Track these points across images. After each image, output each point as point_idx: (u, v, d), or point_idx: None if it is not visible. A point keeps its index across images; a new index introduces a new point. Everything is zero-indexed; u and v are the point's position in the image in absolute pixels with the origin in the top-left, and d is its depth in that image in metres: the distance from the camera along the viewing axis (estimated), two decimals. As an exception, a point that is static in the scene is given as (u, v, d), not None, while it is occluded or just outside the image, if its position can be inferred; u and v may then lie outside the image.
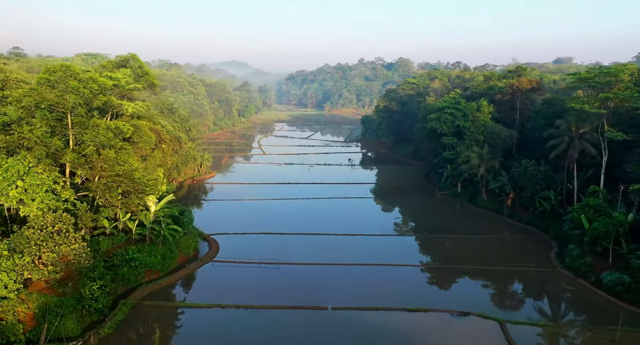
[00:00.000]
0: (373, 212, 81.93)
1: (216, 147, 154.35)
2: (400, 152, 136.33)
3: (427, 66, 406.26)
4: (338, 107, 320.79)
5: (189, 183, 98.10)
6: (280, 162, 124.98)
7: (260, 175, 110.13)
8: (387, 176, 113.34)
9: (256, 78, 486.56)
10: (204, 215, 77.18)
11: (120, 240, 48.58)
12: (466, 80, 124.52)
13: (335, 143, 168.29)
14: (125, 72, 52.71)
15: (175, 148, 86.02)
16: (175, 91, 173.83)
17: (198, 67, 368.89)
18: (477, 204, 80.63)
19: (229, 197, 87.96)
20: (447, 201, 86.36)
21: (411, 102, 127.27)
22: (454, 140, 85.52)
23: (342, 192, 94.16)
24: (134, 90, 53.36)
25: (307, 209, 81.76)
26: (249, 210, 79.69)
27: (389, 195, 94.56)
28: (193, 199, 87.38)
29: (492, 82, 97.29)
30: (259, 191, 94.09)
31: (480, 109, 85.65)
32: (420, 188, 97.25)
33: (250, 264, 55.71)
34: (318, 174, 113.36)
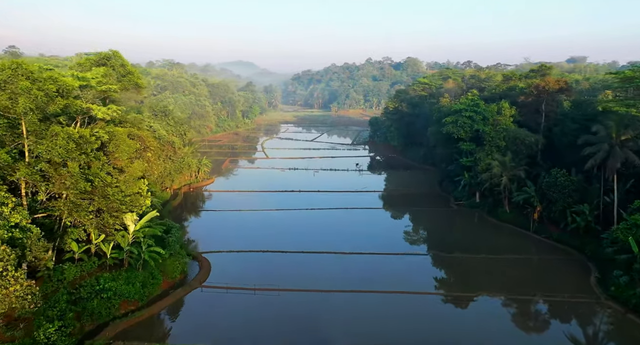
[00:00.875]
0: (383, 225, 74.41)
1: (218, 150, 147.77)
2: (411, 156, 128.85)
3: (437, 66, 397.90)
4: (345, 108, 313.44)
5: (185, 190, 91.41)
6: (284, 167, 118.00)
7: (262, 182, 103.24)
8: (398, 183, 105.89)
9: (262, 78, 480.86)
10: (197, 228, 70.38)
11: (91, 266, 41.76)
12: (481, 81, 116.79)
13: (342, 146, 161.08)
14: (98, 71, 45.99)
15: (169, 154, 79.33)
16: (176, 91, 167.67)
17: (202, 66, 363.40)
18: (499, 216, 73.03)
19: (226, 207, 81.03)
20: (465, 212, 78.82)
21: (423, 104, 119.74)
22: (472, 146, 78.00)
23: (349, 201, 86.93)
24: (107, 91, 46.24)
25: (311, 221, 74.59)
26: (247, 223, 72.72)
27: (400, 204, 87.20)
28: (187, 209, 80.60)
29: (513, 82, 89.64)
30: (259, 200, 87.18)
31: (501, 111, 78.07)
32: (434, 197, 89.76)
33: (245, 290, 48.69)
34: (323, 180, 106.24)
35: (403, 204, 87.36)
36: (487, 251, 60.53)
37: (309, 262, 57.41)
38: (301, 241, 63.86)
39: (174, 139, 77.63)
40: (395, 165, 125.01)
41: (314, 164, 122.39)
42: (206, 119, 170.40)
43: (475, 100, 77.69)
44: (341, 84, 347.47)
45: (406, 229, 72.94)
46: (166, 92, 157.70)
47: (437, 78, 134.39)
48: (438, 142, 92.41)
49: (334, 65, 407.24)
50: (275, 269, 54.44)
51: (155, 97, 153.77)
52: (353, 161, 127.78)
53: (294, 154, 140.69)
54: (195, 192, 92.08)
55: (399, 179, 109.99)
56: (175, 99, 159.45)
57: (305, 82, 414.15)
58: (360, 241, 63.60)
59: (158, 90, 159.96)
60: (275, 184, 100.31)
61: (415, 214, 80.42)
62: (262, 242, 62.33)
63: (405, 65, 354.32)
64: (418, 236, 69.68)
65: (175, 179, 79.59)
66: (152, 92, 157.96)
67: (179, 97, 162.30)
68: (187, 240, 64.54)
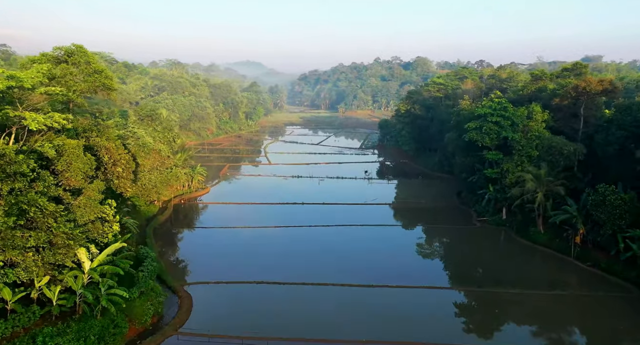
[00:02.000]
0: (396, 247, 64.32)
1: (218, 154, 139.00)
2: (424, 162, 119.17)
3: (447, 65, 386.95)
4: (353, 109, 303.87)
5: (176, 202, 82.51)
6: (287, 175, 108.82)
7: (263, 191, 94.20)
8: (410, 193, 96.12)
9: (269, 78, 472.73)
10: (183, 250, 61.37)
11: (28, 319, 32.74)
12: (502, 81, 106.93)
13: (350, 150, 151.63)
14: (40, 68, 37.13)
15: (155, 164, 70.42)
16: (175, 92, 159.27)
17: (206, 66, 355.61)
18: (531, 237, 63.27)
19: (219, 223, 72.01)
20: (490, 231, 69.14)
21: (438, 106, 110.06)
22: (499, 156, 68.26)
23: (357, 215, 77.57)
24: (45, 94, 36.82)
25: (314, 241, 65.25)
26: (241, 244, 63.63)
27: (415, 219, 77.72)
28: (176, 225, 71.62)
29: (543, 82, 79.65)
30: (257, 214, 78.12)
31: (532, 116, 68.33)
32: (453, 211, 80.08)
33: (230, 339, 39.53)
34: (329, 190, 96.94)
35: (418, 219, 77.87)
36: (524, 284, 50.80)
37: (311, 296, 48.17)
38: (302, 268, 54.73)
39: (160, 147, 68.78)
40: (407, 172, 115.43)
41: (319, 171, 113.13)
42: (207, 121, 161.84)
43: (503, 103, 67.92)
44: (349, 84, 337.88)
45: (423, 252, 63.43)
46: (164, 93, 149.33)
47: (453, 78, 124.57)
48: (457, 149, 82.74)
49: (341, 65, 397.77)
50: (269, 307, 45.26)
51: (153, 98, 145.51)
52: (361, 168, 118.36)
53: (299, 159, 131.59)
54: (187, 204, 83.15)
55: (412, 188, 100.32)
56: (174, 100, 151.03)
57: (312, 82, 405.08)
58: (369, 268, 54.30)
59: (156, 91, 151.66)
60: (277, 194, 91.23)
61: (432, 232, 70.92)
62: (256, 270, 53.24)
63: (415, 64, 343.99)
64: (438, 262, 60.06)
65: (162, 191, 70.61)
66: (149, 93, 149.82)
67: (178, 99, 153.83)
68: (170, 264, 55.63)
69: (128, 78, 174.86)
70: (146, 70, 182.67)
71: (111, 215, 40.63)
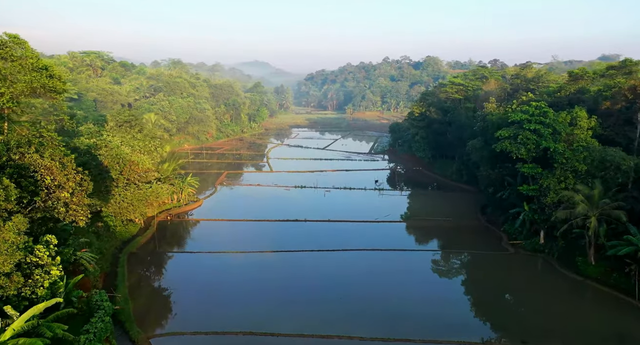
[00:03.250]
0: (418, 282, 53.35)
1: (216, 160, 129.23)
2: (441, 170, 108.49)
3: (457, 65, 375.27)
4: (361, 110, 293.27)
5: (162, 218, 72.76)
6: (289, 185, 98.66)
7: (262, 204, 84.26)
8: (426, 206, 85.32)
9: (276, 78, 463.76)
10: (161, 286, 51.33)
11: None
12: (529, 81, 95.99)
13: (358, 155, 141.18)
14: None
15: (135, 178, 60.53)
16: (173, 93, 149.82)
17: (211, 66, 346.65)
18: (579, 270, 52.47)
19: (209, 246, 61.98)
20: (525, 259, 58.47)
21: (457, 109, 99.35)
22: (538, 170, 57.51)
23: (368, 235, 67.32)
24: None
25: (317, 273, 54.94)
26: (230, 276, 53.50)
27: (435, 242, 67.24)
28: (160, 246, 61.69)
29: (583, 82, 68.80)
30: (253, 234, 68.10)
31: (576, 122, 57.58)
32: (479, 232, 69.45)
33: None
34: (336, 202, 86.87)
35: (439, 241, 67.34)
36: (582, 338, 40.19)
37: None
38: (302, 312, 44.58)
39: (138, 158, 58.87)
40: (422, 182, 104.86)
41: (325, 180, 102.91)
42: (206, 124, 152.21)
43: (543, 108, 57.14)
44: (357, 85, 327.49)
45: (449, 288, 52.81)
46: (160, 94, 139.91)
47: (471, 78, 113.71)
48: (483, 159, 72.11)
49: (349, 65, 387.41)
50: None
51: (147, 100, 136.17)
52: (371, 176, 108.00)
53: (303, 165, 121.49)
54: (174, 221, 73.28)
55: (428, 201, 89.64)
56: (170, 101, 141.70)
57: (319, 82, 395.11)
58: (384, 312, 43.97)
59: (151, 92, 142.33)
60: (277, 208, 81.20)
61: (458, 260, 60.29)
62: (247, 313, 43.28)
63: (425, 64, 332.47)
64: (467, 302, 49.42)
65: (141, 209, 60.66)
66: (143, 94, 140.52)
67: (175, 100, 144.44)
68: (140, 306, 45.67)
69: (124, 78, 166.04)
70: (144, 70, 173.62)
71: (46, 258, 30.71)
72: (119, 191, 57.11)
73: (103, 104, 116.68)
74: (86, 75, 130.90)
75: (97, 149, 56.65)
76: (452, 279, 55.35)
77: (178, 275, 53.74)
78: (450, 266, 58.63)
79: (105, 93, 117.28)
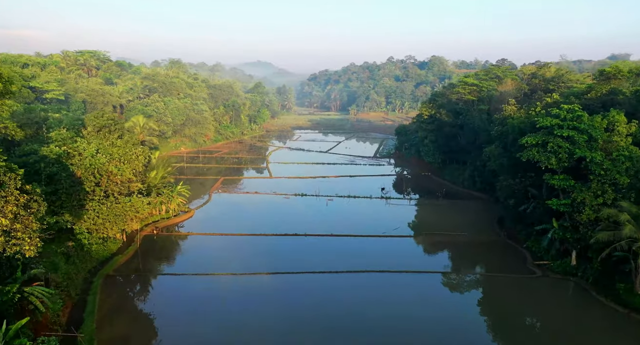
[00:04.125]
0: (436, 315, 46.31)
1: (213, 165, 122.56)
2: (451, 176, 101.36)
3: (463, 65, 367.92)
4: (365, 111, 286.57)
5: (147, 233, 66.03)
6: (289, 192, 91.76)
7: (259, 215, 77.58)
8: (438, 218, 78.24)
9: (278, 78, 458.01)
10: (135, 320, 44.30)
11: None
12: (548, 81, 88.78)
13: (363, 159, 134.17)
14: None
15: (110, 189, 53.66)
16: (169, 94, 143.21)
17: (211, 66, 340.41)
18: (621, 299, 45.18)
19: (197, 266, 55.05)
20: (556, 284, 51.29)
21: (470, 111, 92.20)
22: (569, 182, 50.33)
23: (375, 253, 60.46)
24: None
25: (319, 302, 48.02)
26: (217, 305, 46.66)
27: (450, 261, 60.17)
28: (142, 265, 54.85)
29: (617, 82, 61.59)
30: (248, 250, 61.35)
31: (613, 128, 50.44)
32: (498, 249, 62.30)
33: None
34: (339, 212, 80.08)
35: (454, 260, 60.28)
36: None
37: None
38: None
39: (120, 168, 52.08)
40: (431, 188, 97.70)
41: (327, 187, 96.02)
42: (203, 126, 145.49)
43: (576, 112, 50.00)
44: (361, 85, 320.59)
45: (470, 319, 45.67)
46: (154, 95, 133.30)
47: (484, 78, 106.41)
48: (502, 167, 64.98)
49: (353, 65, 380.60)
50: None
51: (141, 101, 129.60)
52: (376, 183, 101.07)
53: (304, 170, 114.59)
54: (161, 235, 66.49)
55: (439, 211, 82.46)
56: (166, 102, 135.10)
57: (322, 82, 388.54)
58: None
59: (146, 93, 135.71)
60: (275, 219, 74.53)
61: (479, 284, 53.20)
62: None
63: (431, 64, 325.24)
64: (490, 341, 42.30)
65: (119, 225, 53.84)
66: (137, 95, 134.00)
67: (171, 101, 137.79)
68: (112, 342, 38.91)
69: (120, 78, 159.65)
70: (139, 70, 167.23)
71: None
72: (94, 205, 50.36)
73: (93, 105, 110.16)
74: (76, 75, 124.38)
75: (70, 157, 49.96)
76: (473, 308, 48.17)
77: (160, 303, 46.80)
78: (470, 293, 51.46)
79: (95, 94, 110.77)
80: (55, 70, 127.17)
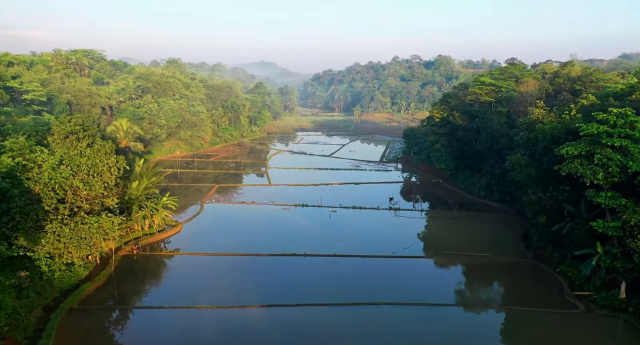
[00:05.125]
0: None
1: (209, 170, 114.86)
2: (465, 184, 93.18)
3: (470, 64, 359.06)
4: (369, 112, 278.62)
5: (126, 252, 58.30)
6: (289, 203, 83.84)
7: (254, 230, 69.79)
8: (453, 233, 69.98)
9: (282, 79, 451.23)
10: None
11: None
12: (574, 80, 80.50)
13: (368, 164, 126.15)
14: None
15: (81, 207, 45.89)
16: (164, 95, 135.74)
17: (212, 66, 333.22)
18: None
19: (179, 296, 47.12)
20: (601, 322, 43.09)
21: (488, 114, 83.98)
22: (621, 201, 42.13)
23: (386, 278, 52.45)
24: None
25: (319, 340, 40.13)
26: None
27: (472, 289, 52.03)
28: (115, 295, 47.05)
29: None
30: (239, 274, 53.50)
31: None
32: (526, 273, 54.08)
33: None
34: (343, 225, 72.24)
35: (475, 288, 52.19)
36: None
37: None
38: None
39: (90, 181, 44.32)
40: (443, 198, 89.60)
41: (330, 196, 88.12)
42: (200, 128, 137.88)
43: (630, 117, 41.78)
44: (365, 85, 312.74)
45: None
46: (147, 96, 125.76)
47: (499, 77, 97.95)
48: (531, 179, 56.76)
49: (357, 65, 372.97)
50: None
51: (132, 102, 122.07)
52: (383, 191, 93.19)
53: (306, 177, 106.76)
54: (142, 254, 58.69)
55: (453, 225, 74.17)
56: (160, 104, 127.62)
57: (325, 82, 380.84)
58: None
59: (139, 94, 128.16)
60: (272, 234, 66.79)
61: (509, 322, 45.04)
62: None
63: (437, 64, 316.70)
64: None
65: (83, 250, 45.95)
66: (129, 96, 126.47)
67: (166, 102, 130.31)
68: None
69: (114, 78, 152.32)
70: (133, 69, 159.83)
71: None
72: (54, 227, 42.59)
73: (79, 107, 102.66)
74: (61, 74, 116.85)
75: (26, 170, 42.25)
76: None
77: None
78: (502, 334, 43.35)
79: (81, 95, 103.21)
80: (42, 70, 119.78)
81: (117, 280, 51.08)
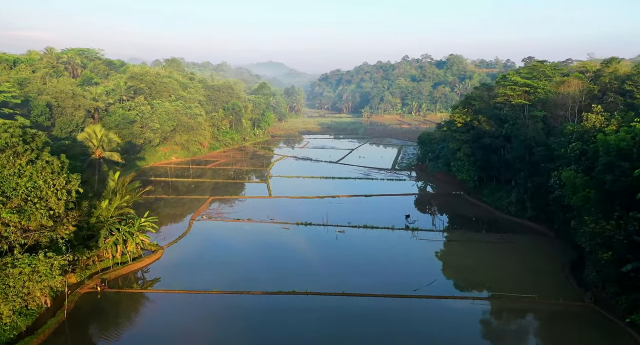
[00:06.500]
0: None
1: (205, 179, 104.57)
2: (491, 199, 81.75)
3: (483, 64, 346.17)
4: (379, 113, 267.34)
5: (89, 289, 47.88)
6: (290, 220, 73.06)
7: (248, 256, 59.17)
8: (483, 262, 58.61)
9: (289, 79, 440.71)
10: None
11: None
12: (622, 79, 68.96)
13: (379, 172, 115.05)
14: None
15: (15, 241, 35.48)
16: (158, 96, 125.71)
17: (216, 66, 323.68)
18: None
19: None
20: None
21: (520, 119, 72.55)
22: None
23: (405, 336, 41.50)
24: None
25: None
26: None
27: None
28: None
29: None
30: (226, 322, 42.84)
31: None
32: (584, 322, 42.80)
33: None
34: (353, 251, 61.52)
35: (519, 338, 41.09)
36: None
37: None
38: None
39: (16, 214, 34.00)
40: (465, 213, 78.71)
41: (338, 211, 77.32)
42: (197, 132, 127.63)
43: None
44: (374, 85, 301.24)
45: None
46: (139, 98, 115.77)
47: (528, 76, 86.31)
48: (589, 203, 45.42)
49: (366, 64, 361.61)
50: None
51: (122, 104, 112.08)
52: (397, 205, 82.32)
53: (311, 187, 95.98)
54: (107, 293, 48.15)
55: (483, 251, 62.44)
56: (153, 106, 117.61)
57: (333, 82, 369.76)
58: None
59: (131, 95, 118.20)
60: (269, 262, 56.31)
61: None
62: None
63: (449, 63, 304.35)
64: None
65: (11, 300, 35.47)
66: (120, 98, 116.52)
67: (160, 104, 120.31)
68: None
69: (108, 78, 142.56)
70: (127, 68, 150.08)
71: None
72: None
73: (60, 109, 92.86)
74: (43, 74, 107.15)
75: None
76: None
77: None
78: None
79: (63, 96, 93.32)
80: (24, 69, 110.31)
81: (70, 330, 40.68)
